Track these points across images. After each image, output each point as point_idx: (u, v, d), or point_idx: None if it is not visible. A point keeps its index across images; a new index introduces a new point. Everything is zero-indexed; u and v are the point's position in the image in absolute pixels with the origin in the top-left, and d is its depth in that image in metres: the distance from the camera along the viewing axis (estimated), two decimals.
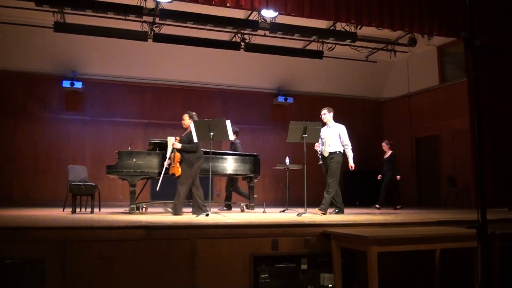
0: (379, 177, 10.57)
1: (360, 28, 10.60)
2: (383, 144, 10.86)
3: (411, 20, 9.27)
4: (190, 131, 6.90)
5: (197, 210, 6.82)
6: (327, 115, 7.64)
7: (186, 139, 7.03)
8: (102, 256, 4.43)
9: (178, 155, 6.95)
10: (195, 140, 7.00)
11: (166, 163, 7.14)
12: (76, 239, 4.44)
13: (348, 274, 5.04)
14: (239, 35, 11.09)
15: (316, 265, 5.06)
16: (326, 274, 5.01)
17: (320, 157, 7.50)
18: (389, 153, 10.70)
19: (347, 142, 7.58)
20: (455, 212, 8.14)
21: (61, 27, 9.92)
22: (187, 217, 6.34)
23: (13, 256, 4.29)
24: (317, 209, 7.18)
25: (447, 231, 5.00)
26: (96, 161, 11.26)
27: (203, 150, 8.06)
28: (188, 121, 7.11)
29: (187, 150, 6.99)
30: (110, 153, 9.41)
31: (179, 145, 6.93)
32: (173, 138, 7.00)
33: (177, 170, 6.93)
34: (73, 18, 10.13)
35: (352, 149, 7.67)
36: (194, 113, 7.23)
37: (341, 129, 7.59)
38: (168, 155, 7.06)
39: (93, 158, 11.39)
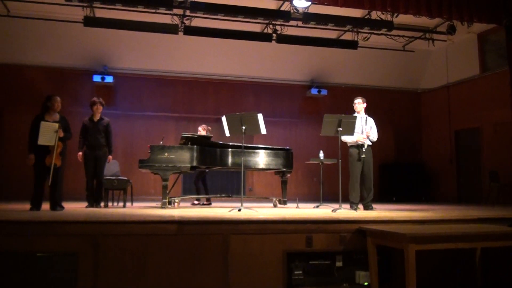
0: None
1: (396, 16, 10.32)
2: None
3: (449, 7, 8.97)
4: (64, 117, 6.65)
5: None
6: (361, 104, 7.44)
7: (65, 126, 6.57)
8: (135, 250, 4.48)
9: (61, 144, 6.43)
10: (227, 134, 6.93)
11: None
12: (108, 233, 4.51)
13: (384, 272, 4.95)
14: (271, 26, 10.98)
15: (351, 262, 4.99)
16: (361, 271, 4.94)
17: (364, 149, 7.17)
18: None
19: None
20: (497, 209, 7.90)
21: (91, 21, 10.00)
22: (220, 212, 6.30)
23: (45, 250, 4.34)
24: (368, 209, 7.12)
25: (489, 229, 4.85)
26: (128, 156, 11.33)
27: (236, 144, 8.05)
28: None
29: (68, 138, 6.66)
30: (142, 148, 9.46)
31: (62, 133, 6.44)
32: (56, 125, 6.39)
33: (59, 161, 6.43)
34: (103, 12, 10.20)
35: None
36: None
37: (373, 123, 7.43)
38: (54, 144, 6.29)
39: (125, 153, 11.47)
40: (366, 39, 11.49)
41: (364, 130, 7.22)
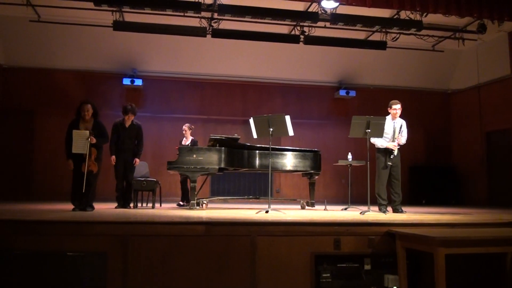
0: None
1: (425, 16, 10.16)
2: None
3: (479, 5, 8.83)
4: (98, 122, 6.75)
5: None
6: (401, 109, 7.26)
7: (100, 132, 6.74)
8: (163, 251, 4.51)
9: (94, 150, 6.56)
10: (255, 136, 6.94)
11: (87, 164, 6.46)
12: (137, 233, 4.55)
13: (413, 276, 4.87)
14: (298, 27, 10.93)
15: (380, 265, 4.91)
16: (390, 275, 4.84)
17: (392, 157, 7.10)
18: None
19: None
20: None
21: (120, 25, 10.14)
22: (247, 213, 6.31)
23: (75, 249, 4.42)
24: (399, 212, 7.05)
25: None
26: (157, 157, 11.45)
27: (263, 146, 8.05)
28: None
29: (103, 143, 6.82)
30: (170, 149, 9.54)
31: (94, 140, 6.52)
32: (86, 132, 6.47)
33: (95, 167, 6.57)
34: (132, 16, 10.34)
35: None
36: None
37: (405, 126, 7.30)
38: (86, 151, 6.41)
39: (153, 154, 11.60)
40: (395, 39, 11.34)
41: (397, 138, 7.12)
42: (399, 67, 13.29)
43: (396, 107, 7.19)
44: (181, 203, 9.18)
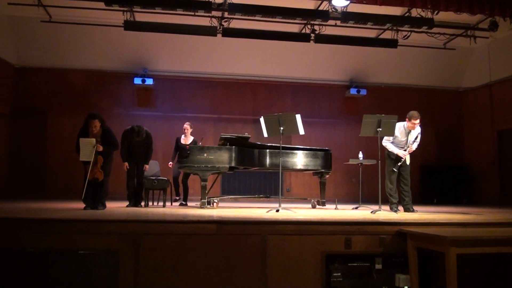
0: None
1: (437, 14, 10.07)
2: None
3: (491, 3, 8.79)
4: (106, 132, 6.73)
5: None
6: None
7: (109, 140, 6.76)
8: (174, 249, 4.54)
9: (101, 158, 6.58)
10: (265, 135, 6.94)
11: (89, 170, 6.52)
12: (148, 232, 4.59)
13: (424, 275, 4.84)
14: (309, 26, 10.91)
15: (391, 265, 4.90)
16: (401, 275, 4.83)
17: (399, 164, 7.06)
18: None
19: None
20: None
21: (131, 25, 10.21)
22: (258, 212, 6.32)
23: (87, 247, 4.47)
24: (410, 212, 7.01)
25: None
26: (168, 156, 11.42)
27: (274, 145, 8.05)
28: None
29: (112, 150, 6.85)
30: (181, 148, 9.56)
31: (101, 148, 6.54)
32: (93, 140, 6.50)
33: (100, 175, 6.59)
34: (143, 16, 10.40)
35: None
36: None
37: (420, 132, 7.23)
38: (91, 159, 6.45)
39: (164, 153, 11.59)
40: (406, 38, 11.30)
41: (407, 147, 7.07)
42: (410, 65, 13.22)
43: (416, 122, 7.00)
44: (183, 202, 9.18)
